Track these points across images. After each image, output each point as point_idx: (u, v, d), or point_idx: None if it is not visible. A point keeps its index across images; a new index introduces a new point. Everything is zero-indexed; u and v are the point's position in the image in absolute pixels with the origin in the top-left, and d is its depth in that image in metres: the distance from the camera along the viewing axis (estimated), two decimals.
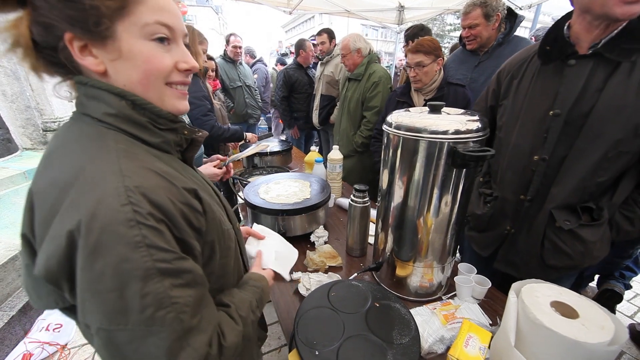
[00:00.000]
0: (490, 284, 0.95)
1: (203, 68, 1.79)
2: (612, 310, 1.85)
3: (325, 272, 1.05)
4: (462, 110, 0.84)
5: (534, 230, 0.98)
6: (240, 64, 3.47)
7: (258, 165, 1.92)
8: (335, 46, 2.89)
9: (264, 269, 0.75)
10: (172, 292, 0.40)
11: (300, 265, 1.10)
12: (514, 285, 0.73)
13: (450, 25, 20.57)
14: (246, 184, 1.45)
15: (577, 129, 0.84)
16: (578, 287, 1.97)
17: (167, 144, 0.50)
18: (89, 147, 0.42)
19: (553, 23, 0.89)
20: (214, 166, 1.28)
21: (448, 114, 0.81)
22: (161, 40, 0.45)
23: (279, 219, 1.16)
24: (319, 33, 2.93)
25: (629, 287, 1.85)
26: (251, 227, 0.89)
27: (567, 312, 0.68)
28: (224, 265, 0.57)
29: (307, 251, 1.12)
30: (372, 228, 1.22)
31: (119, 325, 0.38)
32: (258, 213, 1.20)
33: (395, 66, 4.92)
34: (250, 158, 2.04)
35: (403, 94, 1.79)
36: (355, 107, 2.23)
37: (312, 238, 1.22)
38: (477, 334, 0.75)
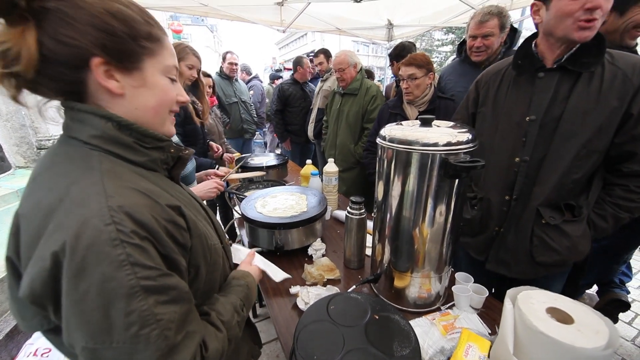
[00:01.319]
0: (487, 293, 0.95)
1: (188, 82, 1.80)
2: (616, 318, 1.85)
3: (324, 285, 1.05)
4: (452, 123, 0.87)
5: (522, 228, 1.04)
6: (236, 80, 3.55)
7: (254, 179, 1.93)
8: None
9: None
10: (157, 309, 0.40)
11: (298, 279, 1.10)
12: (509, 293, 0.74)
13: (439, 40, 21.43)
14: (243, 198, 1.46)
15: (551, 132, 0.94)
16: (574, 294, 1.97)
17: (153, 162, 0.52)
18: (74, 169, 0.43)
19: (523, 41, 1.01)
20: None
21: (438, 126, 0.84)
22: (171, 79, 0.54)
23: (277, 232, 1.16)
24: (316, 54, 3.09)
25: (627, 292, 1.86)
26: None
27: (563, 317, 0.69)
28: (210, 281, 0.58)
29: (305, 264, 1.12)
30: (369, 240, 1.23)
31: (104, 344, 0.38)
32: (255, 227, 1.20)
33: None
34: (245, 171, 2.05)
35: (396, 106, 1.84)
36: (354, 120, 2.30)
37: (310, 251, 1.22)
38: (477, 343, 0.76)
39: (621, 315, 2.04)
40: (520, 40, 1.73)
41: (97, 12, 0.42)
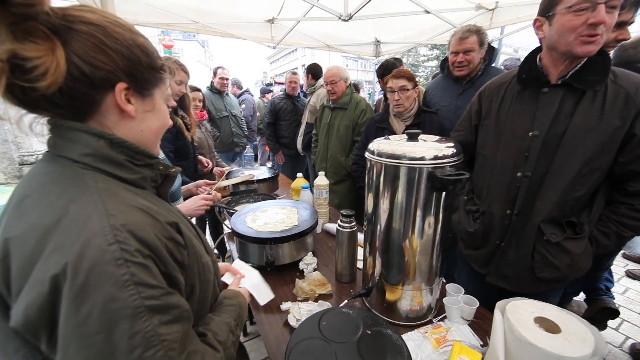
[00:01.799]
0: (477, 304, 0.96)
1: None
2: (605, 325, 1.87)
3: (315, 300, 1.04)
4: (438, 137, 0.90)
5: (523, 244, 1.03)
6: (227, 94, 3.58)
7: (245, 193, 1.92)
8: (316, 81, 3.13)
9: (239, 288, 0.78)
10: (161, 330, 0.40)
11: (289, 295, 1.08)
12: (499, 304, 0.75)
13: (424, 56, 22.42)
14: (233, 213, 1.44)
15: (554, 148, 0.93)
16: (562, 303, 2.00)
17: (144, 179, 0.52)
18: (68, 188, 0.43)
19: (527, 54, 1.00)
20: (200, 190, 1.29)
21: (425, 140, 0.87)
22: (167, 105, 0.59)
23: (267, 247, 1.15)
24: (306, 74, 3.21)
25: (613, 298, 1.90)
26: (232, 263, 0.90)
27: (550, 327, 0.70)
28: (203, 300, 0.58)
29: (297, 279, 1.11)
30: (360, 253, 1.23)
31: None
32: (246, 242, 1.18)
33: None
34: (236, 186, 2.04)
35: (382, 120, 1.89)
36: (345, 133, 2.34)
37: (301, 266, 1.20)
38: (468, 355, 0.76)
39: (608, 322, 2.07)
40: (499, 57, 1.84)
41: (127, 43, 0.46)
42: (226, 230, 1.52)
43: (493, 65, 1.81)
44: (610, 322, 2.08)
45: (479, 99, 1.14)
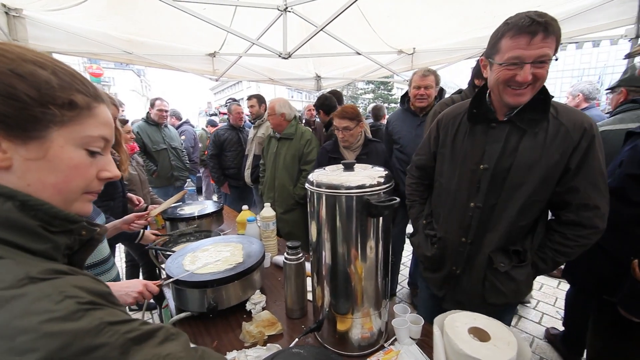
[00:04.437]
0: (423, 321, 1.00)
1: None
2: None
3: (264, 344, 0.96)
4: (371, 166, 0.97)
5: (476, 271, 1.08)
6: (166, 126, 3.38)
7: (185, 231, 1.76)
8: (265, 110, 3.12)
9: None
10: (159, 350, 0.38)
11: (235, 342, 0.99)
12: (436, 320, 0.79)
13: (362, 89, 25.29)
14: (170, 255, 1.30)
15: (501, 181, 0.98)
16: None
17: (56, 249, 0.42)
18: None
19: (478, 90, 1.04)
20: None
21: (361, 170, 0.93)
22: (92, 152, 0.45)
23: (209, 291, 1.05)
24: (250, 98, 3.18)
25: None
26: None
27: (482, 335, 0.76)
28: None
29: (243, 323, 1.02)
30: (310, 283, 1.20)
31: None
32: (182, 288, 1.06)
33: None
34: (174, 224, 1.87)
35: (334, 151, 2.02)
36: (291, 162, 2.39)
37: (248, 306, 1.12)
38: None
39: (530, 316, 2.36)
40: (446, 96, 2.21)
41: None
42: (164, 275, 1.35)
43: None
44: (532, 317, 2.36)
45: (437, 126, 1.17)
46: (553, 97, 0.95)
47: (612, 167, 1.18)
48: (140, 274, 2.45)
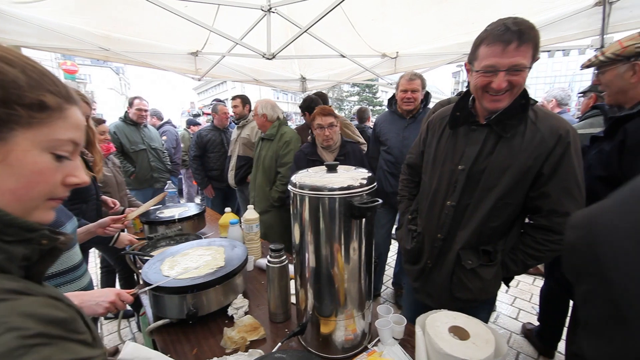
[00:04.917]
0: (405, 321, 1.01)
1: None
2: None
3: (246, 350, 0.94)
4: (354, 168, 0.97)
5: (446, 266, 1.12)
6: (145, 126, 3.26)
7: (165, 234, 1.70)
8: (249, 111, 3.08)
9: None
10: None
11: (216, 349, 0.96)
12: (418, 320, 0.80)
13: (347, 92, 25.61)
14: (148, 260, 1.25)
15: (476, 182, 1.01)
16: None
17: (10, 260, 0.38)
18: None
19: (463, 94, 1.08)
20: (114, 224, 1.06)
21: (344, 171, 0.93)
22: (59, 157, 0.42)
23: (188, 297, 1.01)
24: (234, 98, 3.13)
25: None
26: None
27: (462, 334, 0.78)
28: None
29: (225, 329, 0.99)
30: (293, 286, 1.19)
31: None
32: (161, 295, 1.02)
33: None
34: (153, 227, 1.80)
35: (312, 153, 2.00)
36: (269, 164, 2.36)
37: (230, 311, 1.09)
38: None
39: (507, 312, 2.44)
40: (431, 101, 2.29)
41: None
42: (141, 282, 1.30)
43: (428, 106, 2.28)
44: (509, 312, 2.45)
45: (427, 127, 1.22)
46: (536, 102, 0.98)
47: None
48: (117, 280, 2.34)
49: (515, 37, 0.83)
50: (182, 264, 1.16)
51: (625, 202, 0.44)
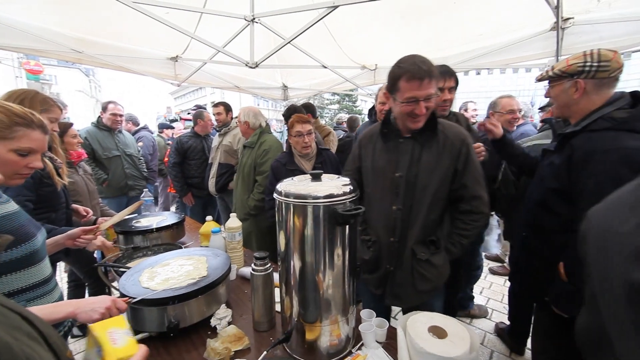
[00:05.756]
0: (387, 324, 1.05)
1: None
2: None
3: None
4: (337, 176, 1.01)
5: (406, 265, 1.23)
6: (120, 132, 3.13)
7: (141, 245, 1.64)
8: (232, 118, 3.06)
9: None
10: None
11: None
12: (400, 321, 0.84)
13: (328, 100, 26.30)
14: (124, 272, 1.20)
15: (413, 185, 1.18)
16: (463, 308, 2.42)
17: None
18: None
19: (386, 114, 1.27)
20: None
21: (328, 180, 0.96)
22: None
23: (169, 309, 0.99)
24: (216, 105, 3.09)
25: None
26: None
27: (440, 333, 0.82)
28: None
29: (208, 340, 0.98)
30: (278, 294, 1.19)
31: None
32: (139, 307, 0.99)
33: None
34: (129, 238, 1.73)
35: (290, 162, 2.00)
36: (249, 172, 2.36)
37: (213, 322, 1.08)
38: None
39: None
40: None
41: None
42: (116, 295, 1.23)
43: None
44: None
45: (359, 145, 1.39)
46: (440, 116, 1.24)
47: (537, 180, 1.35)
48: (87, 295, 2.20)
49: (427, 74, 1.05)
50: (163, 274, 1.13)
51: (609, 207, 0.54)
